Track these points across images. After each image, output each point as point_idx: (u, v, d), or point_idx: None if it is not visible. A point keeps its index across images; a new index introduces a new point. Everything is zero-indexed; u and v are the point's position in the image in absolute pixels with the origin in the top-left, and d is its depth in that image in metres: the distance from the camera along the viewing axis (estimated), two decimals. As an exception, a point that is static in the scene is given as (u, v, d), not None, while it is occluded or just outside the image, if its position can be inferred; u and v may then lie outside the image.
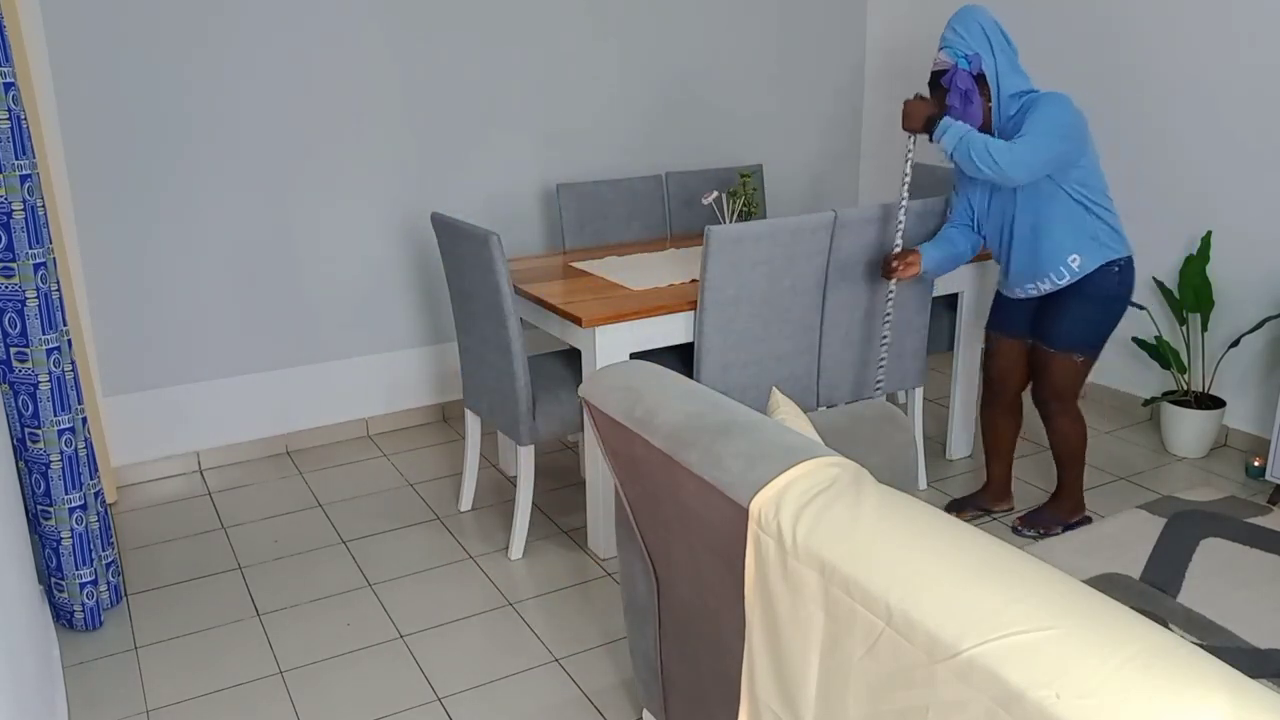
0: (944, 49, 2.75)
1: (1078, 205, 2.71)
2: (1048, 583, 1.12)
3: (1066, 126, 2.63)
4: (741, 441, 1.48)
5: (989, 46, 2.71)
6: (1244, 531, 2.17)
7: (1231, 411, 3.65)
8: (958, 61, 2.71)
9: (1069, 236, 2.72)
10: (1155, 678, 0.96)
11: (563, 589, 2.85)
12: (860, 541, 1.25)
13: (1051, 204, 2.71)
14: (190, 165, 3.45)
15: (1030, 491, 3.37)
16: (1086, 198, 2.71)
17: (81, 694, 2.43)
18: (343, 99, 3.65)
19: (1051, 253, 2.74)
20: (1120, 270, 2.77)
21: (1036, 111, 2.63)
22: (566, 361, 3.15)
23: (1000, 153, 2.58)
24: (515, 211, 4.07)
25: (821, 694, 1.33)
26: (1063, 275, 2.76)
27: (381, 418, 3.98)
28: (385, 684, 2.44)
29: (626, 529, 1.92)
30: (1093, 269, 2.74)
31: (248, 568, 2.99)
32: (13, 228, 2.32)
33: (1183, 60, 3.66)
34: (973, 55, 2.70)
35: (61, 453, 2.50)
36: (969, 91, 2.71)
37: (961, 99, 2.72)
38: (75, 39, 3.19)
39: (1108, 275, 2.76)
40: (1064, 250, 2.73)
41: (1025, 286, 2.86)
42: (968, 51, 2.70)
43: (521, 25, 3.92)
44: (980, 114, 2.73)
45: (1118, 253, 2.76)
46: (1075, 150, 2.66)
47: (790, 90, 4.64)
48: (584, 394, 1.82)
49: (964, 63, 2.70)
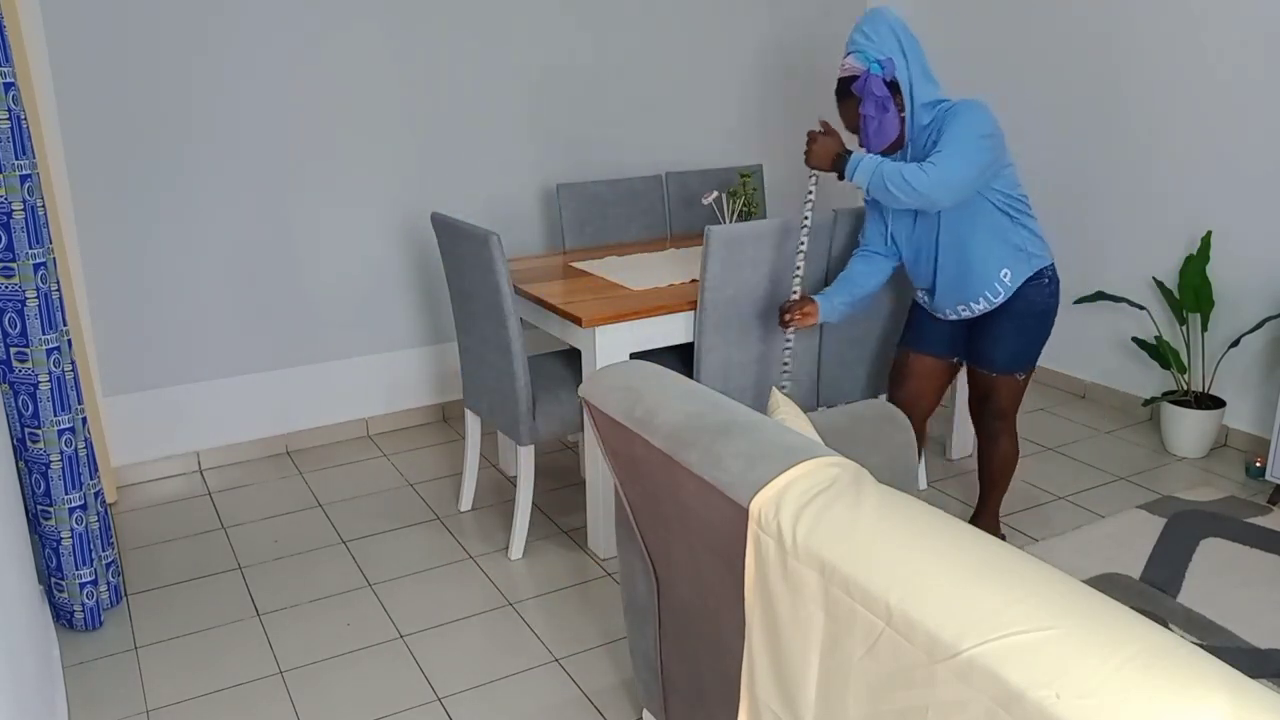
0: (853, 54, 2.53)
1: (1003, 215, 2.56)
2: (1048, 583, 1.12)
3: (988, 137, 2.45)
4: (741, 441, 1.48)
5: (901, 51, 2.50)
6: (1244, 531, 2.18)
7: (1231, 411, 3.65)
8: (870, 67, 2.49)
9: (997, 250, 2.57)
10: (1155, 678, 0.96)
11: (563, 589, 2.85)
12: (860, 541, 1.25)
13: (978, 218, 2.55)
14: (190, 165, 3.45)
15: (1031, 491, 3.37)
16: (1011, 206, 2.57)
17: (81, 694, 2.43)
18: (343, 98, 3.65)
19: (982, 270, 2.59)
20: (1049, 280, 2.65)
21: (955, 125, 2.44)
22: (566, 361, 3.15)
23: (919, 180, 2.40)
24: (515, 211, 4.07)
25: (821, 694, 1.33)
26: (997, 293, 2.61)
27: (381, 418, 3.98)
28: (385, 684, 2.44)
29: (626, 529, 1.92)
30: (1022, 282, 2.61)
31: (248, 568, 2.99)
32: (13, 228, 2.32)
33: (1183, 60, 3.66)
34: (885, 60, 2.49)
35: (61, 453, 2.50)
36: (885, 99, 2.50)
37: (877, 107, 2.51)
38: (75, 39, 3.20)
39: (1038, 289, 2.63)
40: (995, 265, 2.58)
41: (955, 309, 2.70)
42: (880, 56, 2.49)
43: (521, 25, 3.92)
44: (896, 124, 2.54)
45: (1044, 261, 2.63)
46: (999, 160, 2.50)
47: (790, 90, 4.64)
48: (584, 394, 1.82)
49: (877, 68, 2.49)
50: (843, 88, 2.57)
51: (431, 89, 3.80)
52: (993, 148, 2.46)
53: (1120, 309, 3.97)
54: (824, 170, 2.58)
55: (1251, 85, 3.47)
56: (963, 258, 2.60)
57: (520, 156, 4.04)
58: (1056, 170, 4.18)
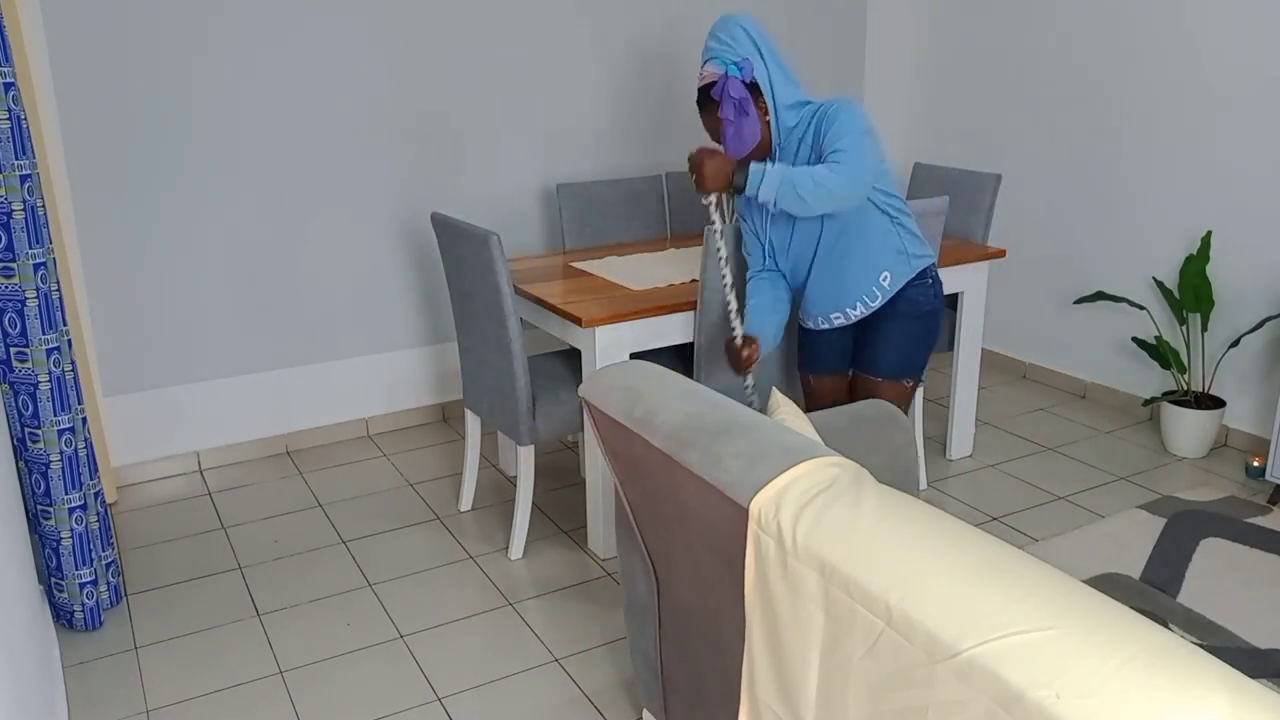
0: (710, 61, 2.44)
1: (884, 216, 2.47)
2: (1048, 583, 1.12)
3: (871, 133, 2.37)
4: (741, 441, 1.48)
5: (757, 52, 2.43)
6: (1244, 531, 2.18)
7: (1231, 411, 3.65)
8: (727, 70, 2.40)
9: (878, 253, 2.48)
10: (1155, 678, 0.96)
11: (563, 589, 2.85)
12: (860, 541, 1.25)
13: (860, 219, 2.46)
14: (190, 165, 3.45)
15: (1031, 492, 3.37)
16: (891, 206, 2.49)
17: (81, 694, 2.43)
18: (343, 98, 3.65)
19: (860, 273, 2.49)
20: (932, 281, 2.56)
21: (840, 120, 2.34)
22: (566, 361, 3.15)
23: (832, 180, 2.29)
24: (515, 211, 4.07)
25: (821, 694, 1.33)
26: (875, 296, 2.51)
27: (381, 418, 3.98)
28: (385, 684, 2.44)
29: (626, 529, 1.92)
30: (903, 284, 2.52)
31: (248, 568, 2.99)
32: (13, 228, 2.32)
33: (1184, 60, 3.66)
34: (742, 62, 2.40)
35: (61, 453, 2.50)
36: (743, 101, 2.40)
37: (736, 110, 2.41)
38: (75, 39, 3.19)
39: (921, 290, 2.54)
40: (874, 268, 2.48)
41: (830, 316, 2.58)
42: (736, 58, 2.41)
43: (521, 25, 3.92)
44: (758, 127, 2.44)
45: (926, 261, 2.54)
46: (883, 158, 2.43)
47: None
48: (584, 394, 1.82)
49: (734, 70, 2.40)
50: (703, 96, 2.47)
51: (431, 88, 3.80)
52: (878, 144, 2.40)
53: (1120, 309, 3.97)
54: (720, 190, 2.41)
55: (1252, 85, 3.47)
56: (840, 262, 2.50)
57: (520, 156, 4.04)
58: (1056, 170, 4.18)
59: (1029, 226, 4.32)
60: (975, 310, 3.47)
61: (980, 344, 3.55)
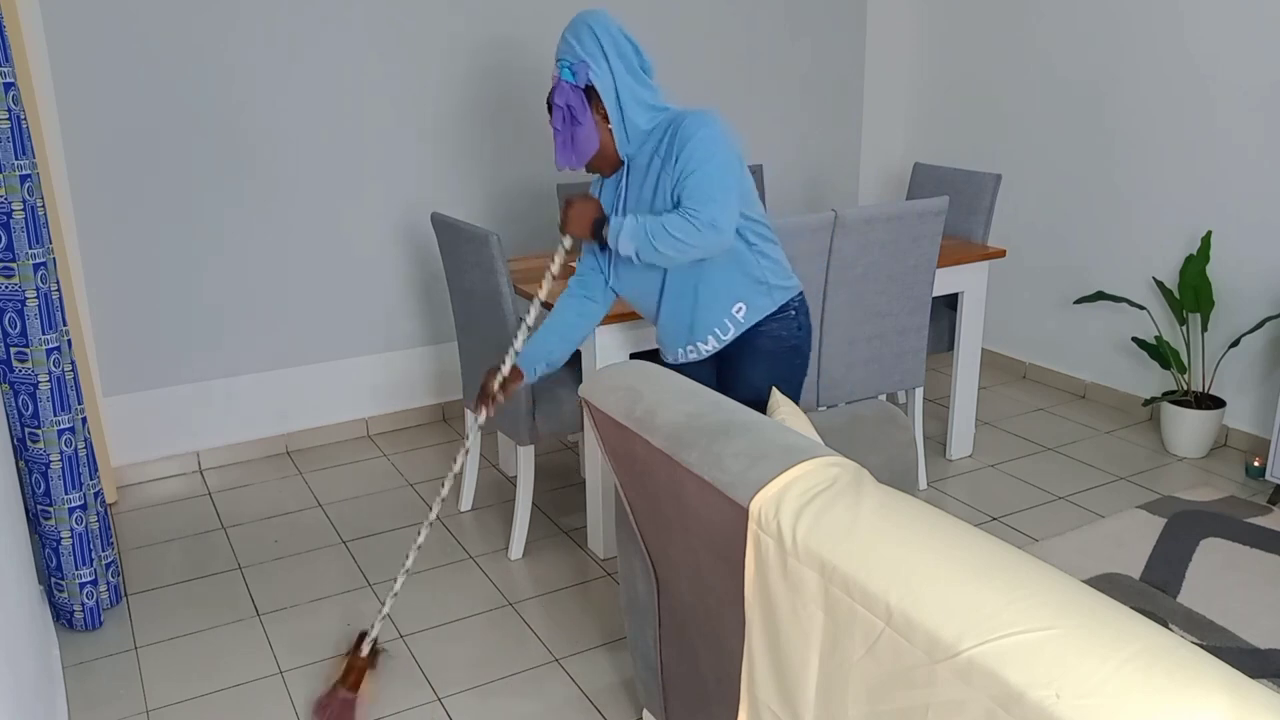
0: (557, 62, 2.21)
1: (741, 243, 2.21)
2: (1048, 583, 1.12)
3: (734, 152, 2.14)
4: (741, 441, 1.48)
5: (602, 53, 2.15)
6: (1244, 531, 2.17)
7: (1231, 411, 3.65)
8: (561, 74, 2.18)
9: (733, 283, 2.23)
10: (1155, 678, 0.96)
11: (563, 589, 2.85)
12: (860, 541, 1.25)
13: None
14: (190, 165, 3.45)
15: (1031, 492, 3.37)
16: (751, 231, 2.23)
17: (81, 694, 2.43)
18: (342, 98, 3.65)
19: (712, 305, 2.24)
20: (795, 312, 2.31)
21: (692, 144, 2.09)
22: (566, 361, 3.14)
23: (687, 231, 2.06)
24: (515, 211, 4.07)
25: (821, 694, 1.33)
26: (727, 329, 2.26)
27: (381, 418, 3.98)
28: (385, 684, 2.44)
29: (626, 529, 1.92)
30: (762, 318, 2.26)
31: (248, 568, 2.99)
32: (13, 228, 2.32)
33: (1184, 59, 3.66)
34: (577, 65, 2.15)
35: (61, 453, 2.50)
36: (574, 109, 2.16)
37: (565, 120, 2.18)
38: (75, 39, 3.20)
39: (784, 324, 2.29)
40: (727, 299, 2.24)
41: (684, 349, 2.33)
42: (573, 61, 2.16)
43: (521, 25, 3.92)
44: (595, 135, 2.19)
45: (789, 293, 2.29)
46: (745, 178, 2.19)
47: (790, 90, 4.64)
48: (584, 394, 1.82)
49: (568, 74, 2.16)
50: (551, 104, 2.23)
51: (431, 88, 3.80)
52: (738, 165, 2.15)
53: (1120, 309, 3.97)
54: (583, 238, 2.22)
55: (1251, 86, 3.47)
56: (693, 292, 2.25)
57: (520, 157, 4.04)
58: (1056, 170, 4.18)
59: (1029, 226, 4.32)
60: (975, 310, 3.47)
61: (980, 344, 3.55)
